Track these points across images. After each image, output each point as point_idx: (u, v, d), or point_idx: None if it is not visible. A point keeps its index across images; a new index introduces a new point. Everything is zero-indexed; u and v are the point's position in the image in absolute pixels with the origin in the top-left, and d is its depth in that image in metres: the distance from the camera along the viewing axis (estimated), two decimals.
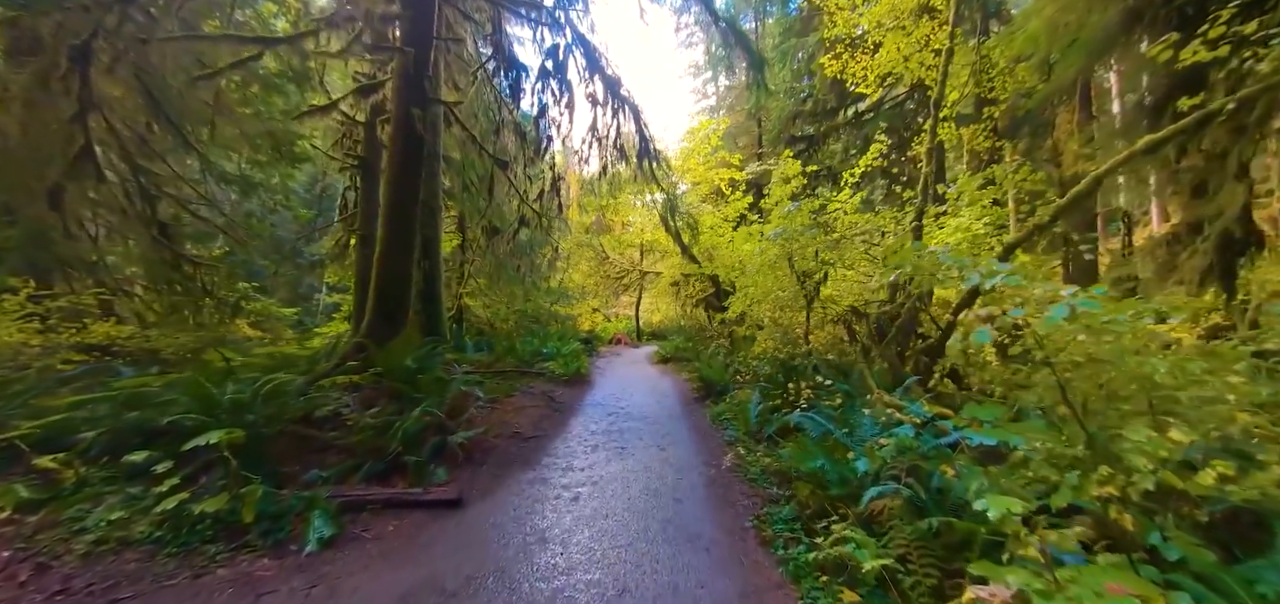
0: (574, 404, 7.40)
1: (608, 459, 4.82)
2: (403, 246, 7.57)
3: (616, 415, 6.72)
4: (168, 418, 3.79)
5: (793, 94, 19.33)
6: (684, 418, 6.64)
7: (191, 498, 3.33)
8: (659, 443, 5.37)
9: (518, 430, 5.54)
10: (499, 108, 10.15)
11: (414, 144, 7.60)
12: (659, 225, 15.25)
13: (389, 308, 7.32)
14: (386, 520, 3.54)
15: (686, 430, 5.96)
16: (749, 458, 4.61)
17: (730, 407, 6.53)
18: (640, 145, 10.81)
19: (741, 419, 5.67)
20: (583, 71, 10.06)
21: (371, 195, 11.46)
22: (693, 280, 13.42)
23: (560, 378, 9.16)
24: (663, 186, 11.14)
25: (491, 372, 9.07)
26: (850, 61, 10.56)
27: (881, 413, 4.06)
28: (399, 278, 7.49)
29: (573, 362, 9.97)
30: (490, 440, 5.09)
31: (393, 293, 7.40)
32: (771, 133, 20.55)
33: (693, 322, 15.66)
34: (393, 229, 7.47)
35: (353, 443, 4.48)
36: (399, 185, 7.55)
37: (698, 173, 13.73)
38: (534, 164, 9.97)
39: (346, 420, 4.87)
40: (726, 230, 12.58)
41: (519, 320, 16.19)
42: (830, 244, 5.98)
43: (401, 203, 7.54)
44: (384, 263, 7.41)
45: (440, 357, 6.88)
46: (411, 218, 7.68)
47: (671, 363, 12.47)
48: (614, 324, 22.45)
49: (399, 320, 7.44)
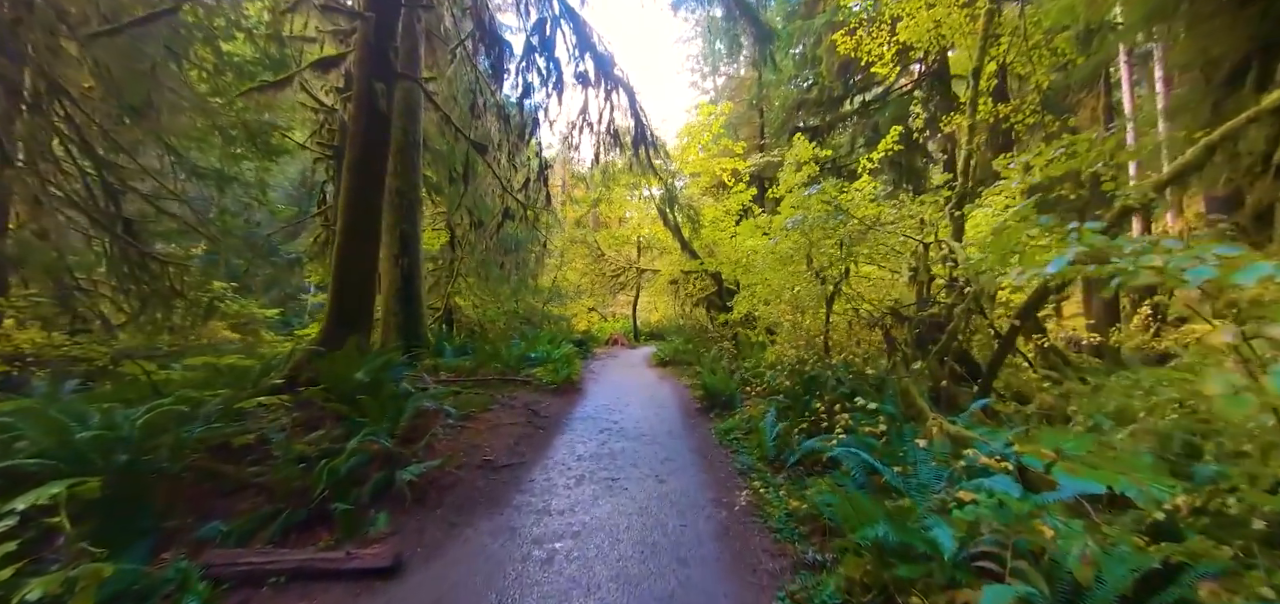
0: (561, 419, 6.50)
1: (595, 497, 3.91)
2: (365, 240, 6.64)
3: (609, 433, 5.82)
4: (8, 460, 2.87)
5: (797, 82, 18.43)
6: (686, 435, 5.74)
7: (22, 573, 2.44)
8: (657, 471, 4.47)
9: (488, 457, 4.64)
10: (480, 89, 9.23)
11: (378, 123, 6.68)
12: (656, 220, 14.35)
13: (349, 310, 6.41)
14: (291, 599, 2.63)
15: (690, 453, 5.06)
16: (769, 496, 3.71)
17: (740, 423, 5.64)
18: (635, 131, 9.90)
19: (755, 441, 4.78)
20: (572, 49, 9.14)
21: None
22: (693, 278, 12.54)
23: (548, 387, 8.26)
24: (660, 176, 10.24)
25: (470, 381, 8.17)
26: (865, 38, 9.66)
27: (941, 445, 3.17)
28: (361, 276, 6.57)
29: (563, 368, 9.07)
30: (451, 473, 4.18)
31: (353, 293, 6.48)
32: (774, 123, 19.62)
33: (693, 322, 14.77)
34: (354, 219, 6.55)
35: (275, 482, 3.57)
36: (361, 170, 6.62)
37: (698, 163, 12.83)
38: (519, 151, 9.06)
39: (274, 451, 3.97)
40: (729, 224, 11.68)
41: (508, 322, 15.28)
42: (857, 234, 5.08)
43: (364, 190, 6.62)
44: (343, 259, 6.49)
45: (403, 366, 5.96)
46: (376, 207, 6.76)
47: (671, 366, 11.59)
48: (611, 324, 21.56)
49: (361, 324, 6.53)
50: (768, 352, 6.65)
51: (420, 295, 10.86)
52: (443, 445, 4.73)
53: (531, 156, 9.02)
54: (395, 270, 10.54)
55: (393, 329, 10.44)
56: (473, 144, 7.15)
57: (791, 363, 5.42)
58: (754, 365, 7.91)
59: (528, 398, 7.46)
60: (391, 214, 10.67)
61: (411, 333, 10.48)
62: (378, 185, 6.76)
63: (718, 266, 11.21)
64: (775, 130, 19.59)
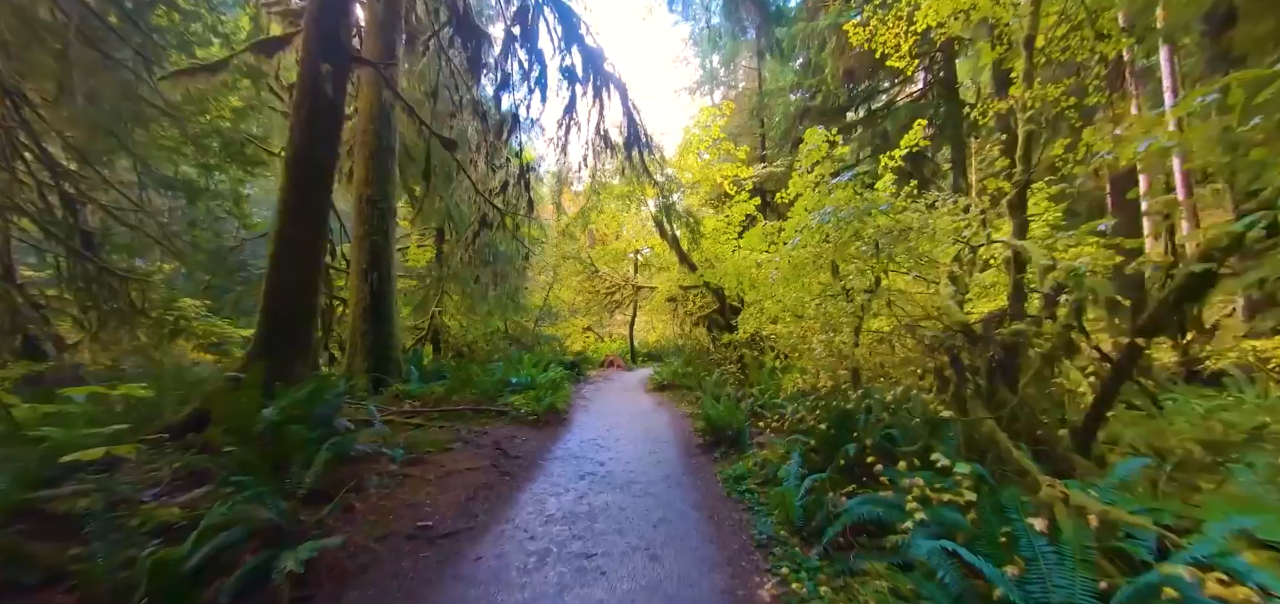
0: (535, 460, 5.39)
1: (561, 588, 2.80)
2: (306, 248, 5.61)
3: (592, 480, 4.71)
4: None
5: (799, 90, 17.67)
6: (687, 483, 4.63)
7: None
8: (649, 542, 3.36)
9: (426, 522, 3.53)
10: (455, 84, 8.34)
11: (324, 112, 5.70)
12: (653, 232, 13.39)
13: (281, 331, 5.34)
14: None
15: (691, 511, 3.96)
16: (805, 591, 2.62)
17: (753, 468, 4.54)
18: (628, 132, 8.98)
19: (776, 499, 3.68)
20: (558, 42, 8.26)
21: None
22: (693, 295, 11.53)
23: (527, 418, 7.16)
24: (656, 182, 9.29)
25: (438, 412, 7.07)
26: (879, 28, 8.81)
27: (1077, 529, 2.09)
28: (298, 290, 5.51)
29: (547, 395, 7.97)
30: (367, 549, 3.08)
31: (287, 311, 5.41)
32: (776, 132, 18.81)
33: (693, 342, 13.70)
34: (291, 224, 5.52)
35: (89, 574, 2.48)
36: (301, 166, 5.63)
37: (697, 172, 11.91)
38: (498, 152, 8.12)
39: (118, 524, 2.88)
40: (731, 235, 10.71)
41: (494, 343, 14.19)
42: (893, 235, 4.06)
43: (304, 189, 5.61)
44: (276, 270, 5.44)
45: (340, 396, 4.87)
46: (318, 210, 5.74)
47: (669, 391, 10.49)
48: (608, 345, 20.48)
49: (297, 347, 5.46)
50: (785, 378, 5.57)
51: (392, 314, 9.82)
52: (369, 505, 3.63)
53: (511, 157, 8.06)
54: (364, 286, 9.51)
55: (361, 352, 9.38)
56: (438, 138, 6.19)
57: (817, 394, 4.35)
58: (764, 392, 6.82)
59: (501, 432, 6.35)
60: (361, 225, 9.71)
61: (382, 356, 9.43)
62: (322, 184, 5.75)
63: (720, 282, 10.20)
64: (777, 140, 18.80)
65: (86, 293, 9.73)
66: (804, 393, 4.75)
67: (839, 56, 15.47)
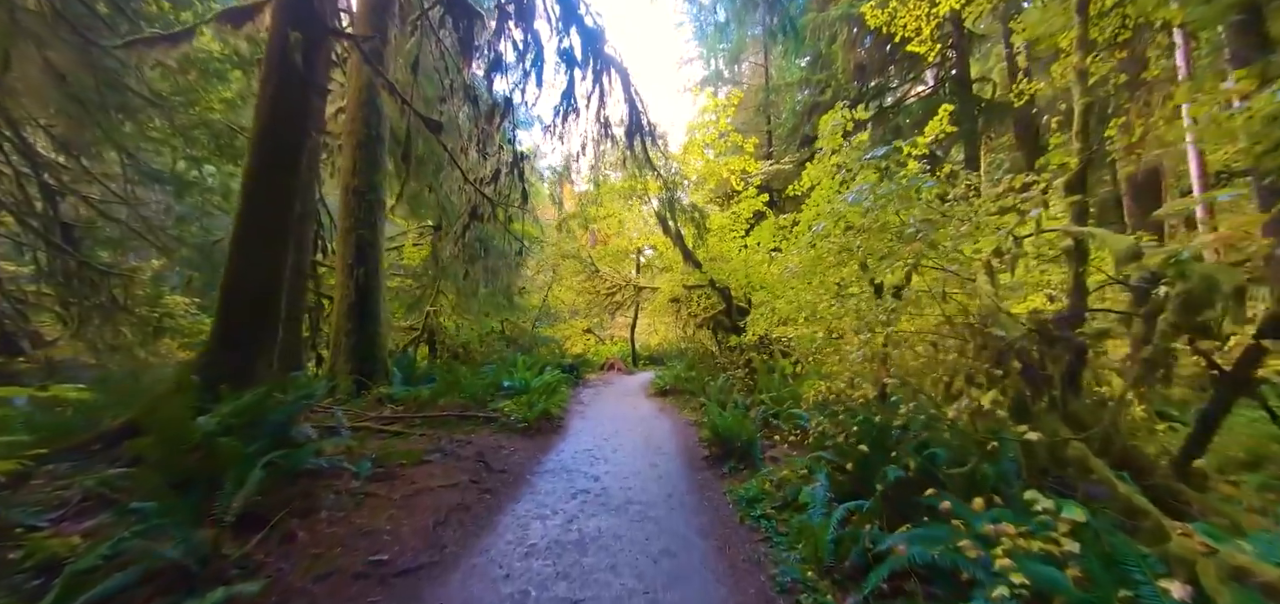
0: (522, 474, 4.81)
1: None
2: (271, 237, 5.04)
3: (584, 499, 4.14)
4: None
5: (808, 86, 17.13)
6: (693, 505, 4.05)
7: None
8: (649, 585, 2.78)
9: (383, 553, 2.95)
10: (446, 68, 7.80)
11: (294, 87, 5.15)
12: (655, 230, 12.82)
13: (240, 328, 4.78)
14: None
15: (698, 540, 3.37)
16: None
17: (769, 489, 3.95)
18: (630, 119, 8.43)
19: (799, 531, 3.10)
20: (555, 22, 7.72)
21: (305, 187, 9.10)
22: (697, 295, 10.94)
23: (518, 424, 6.58)
24: (659, 173, 8.73)
25: (420, 418, 6.51)
26: (899, 8, 8.27)
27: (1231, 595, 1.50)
28: (261, 283, 4.94)
29: (540, 400, 7.39)
30: (300, 591, 2.50)
31: (247, 306, 4.85)
32: (784, 129, 18.27)
33: (697, 345, 13.11)
34: (255, 209, 4.97)
35: None
36: (268, 145, 5.07)
37: (703, 167, 11.34)
38: (490, 140, 7.57)
39: None
40: (739, 232, 10.14)
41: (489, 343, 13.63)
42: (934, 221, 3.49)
43: (271, 172, 5.05)
44: (238, 259, 4.88)
45: (299, 402, 4.31)
46: (286, 194, 5.18)
47: (671, 396, 9.91)
48: (609, 347, 19.90)
49: (260, 347, 4.90)
50: (804, 385, 4.98)
51: (378, 313, 9.28)
52: (315, 533, 3.06)
53: (504, 144, 7.50)
54: (349, 282, 8.98)
55: (345, 352, 8.84)
56: (423, 118, 5.63)
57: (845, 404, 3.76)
58: (777, 400, 6.23)
59: (487, 441, 5.78)
60: (347, 217, 9.19)
61: (366, 357, 8.88)
62: (289, 167, 5.19)
63: (727, 281, 9.62)
64: (784, 138, 18.26)
65: (66, 288, 9.27)
66: (826, 402, 4.16)
67: (850, 50, 14.93)
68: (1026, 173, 3.51)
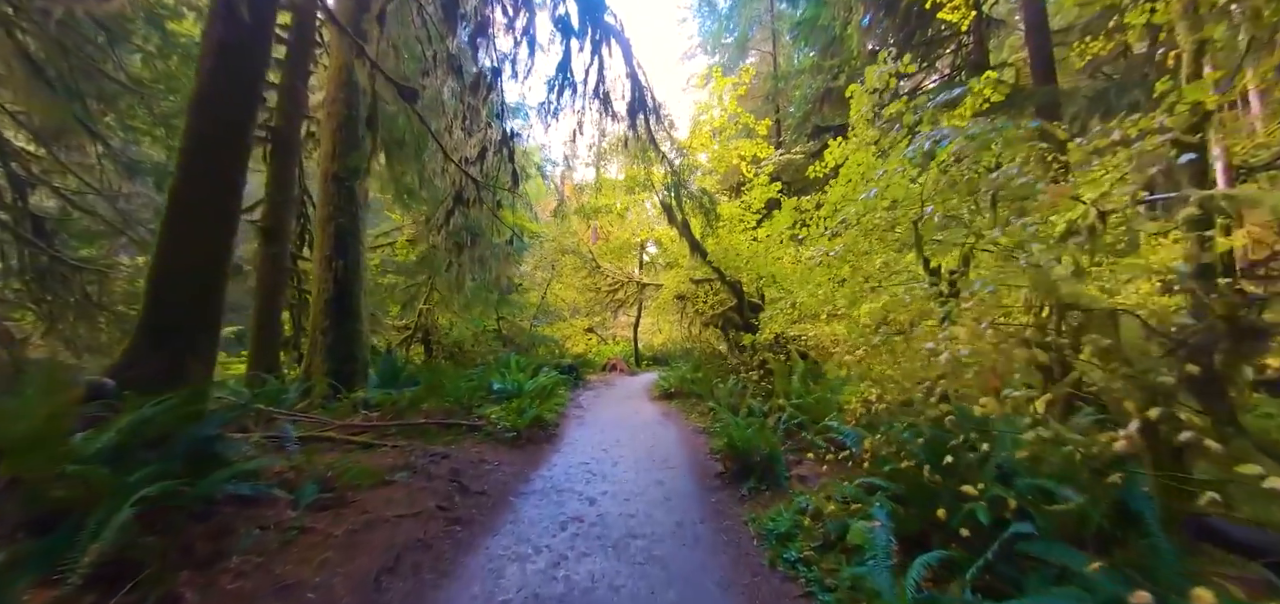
0: (504, 496, 4.05)
1: None
2: (209, 217, 4.27)
3: (576, 532, 3.37)
4: None
5: (820, 72, 16.32)
6: (709, 540, 3.28)
7: None
8: None
9: None
10: (428, 37, 7.06)
11: (242, 41, 4.40)
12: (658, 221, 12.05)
13: (173, 321, 4.03)
14: None
15: (719, 591, 2.61)
16: None
17: (804, 521, 3.17)
18: (633, 95, 7.66)
19: (848, 580, 2.33)
20: None
21: (283, 174, 8.39)
22: (705, 290, 10.17)
23: (506, 433, 5.82)
24: (665, 155, 7.96)
25: (395, 426, 5.75)
26: None
27: None
28: (196, 271, 4.18)
29: (532, 405, 6.64)
30: None
31: (182, 295, 4.10)
32: (794, 119, 17.49)
33: (704, 345, 12.33)
34: (190, 185, 4.21)
35: None
36: (207, 113, 4.31)
37: (712, 156, 10.54)
38: (476, 117, 6.80)
39: None
40: (750, 223, 9.36)
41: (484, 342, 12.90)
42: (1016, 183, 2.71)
43: (209, 143, 4.29)
44: (169, 243, 4.12)
45: (237, 409, 3.56)
46: (228, 170, 4.40)
47: (677, 399, 9.15)
48: (611, 347, 19.14)
49: (193, 344, 4.14)
50: (846, 392, 4.19)
51: (358, 309, 8.54)
52: (213, 590, 2.30)
53: (490, 118, 6.74)
54: (326, 275, 8.24)
55: (321, 352, 8.11)
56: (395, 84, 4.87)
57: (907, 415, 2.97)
58: (801, 406, 5.45)
59: (468, 454, 5.01)
60: (326, 205, 8.45)
61: (346, 357, 8.15)
62: (232, 139, 4.42)
63: (737, 275, 8.84)
64: (793, 128, 17.46)
65: (38, 285, 8.65)
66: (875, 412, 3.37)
67: (865, 32, 14.16)
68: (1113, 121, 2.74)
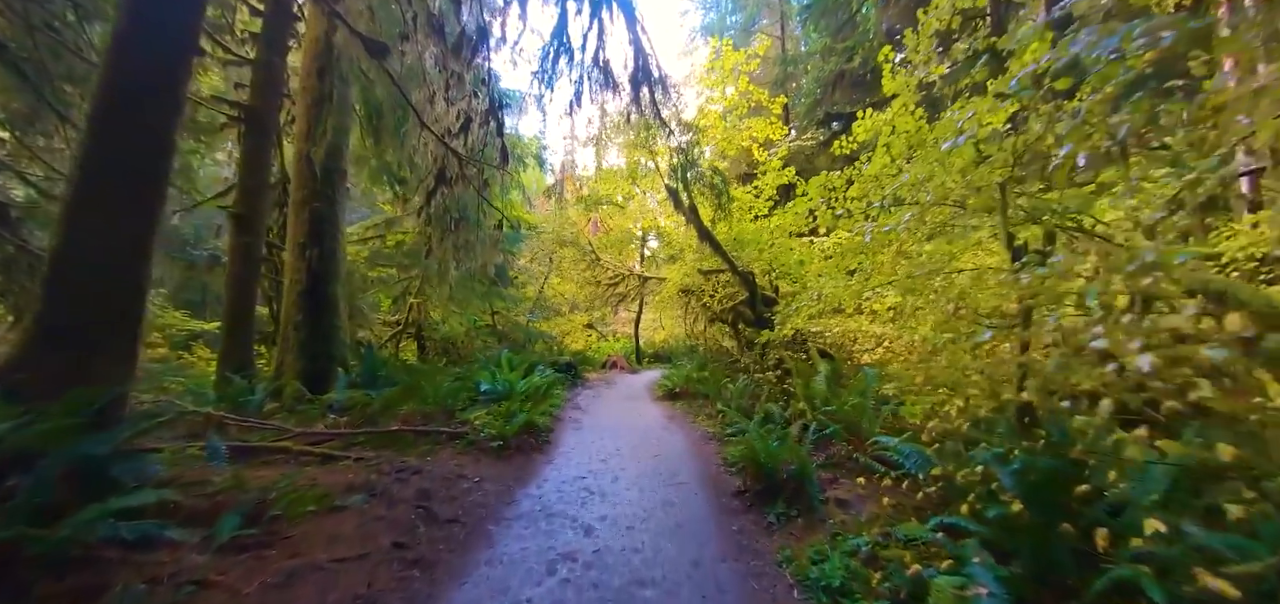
0: (481, 524, 3.33)
1: None
2: (126, 193, 3.51)
3: (568, 576, 2.65)
4: None
5: (831, 55, 15.52)
6: (736, 588, 2.56)
7: None
8: None
9: None
10: None
11: None
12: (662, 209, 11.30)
13: (73, 316, 3.29)
14: None
15: None
16: None
17: (854, 563, 2.46)
18: (635, 65, 6.91)
19: None
20: None
21: (257, 158, 7.68)
22: (713, 284, 9.45)
23: (490, 442, 5.10)
24: (671, 132, 7.21)
25: (364, 433, 5.03)
26: None
27: None
28: (107, 257, 3.41)
29: (521, 409, 5.91)
30: None
31: (86, 285, 3.34)
32: (804, 105, 16.73)
33: (709, 341, 11.61)
34: (102, 153, 3.45)
35: None
36: (123, 64, 3.56)
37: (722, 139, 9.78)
38: (460, 85, 6.03)
39: None
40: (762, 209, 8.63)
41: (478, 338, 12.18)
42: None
43: (124, 101, 3.53)
44: (73, 225, 3.36)
45: (126, 427, 2.83)
46: (149, 135, 3.63)
47: (681, 400, 8.43)
48: (610, 344, 18.43)
49: (101, 342, 3.40)
50: (910, 405, 3.46)
51: (336, 301, 7.81)
52: None
53: (476, 86, 5.98)
54: (300, 264, 7.51)
55: (294, 348, 7.39)
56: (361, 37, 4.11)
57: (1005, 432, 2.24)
58: (835, 411, 4.72)
59: (442, 469, 4.28)
60: (300, 188, 7.69)
61: (320, 354, 7.43)
62: (155, 94, 3.65)
63: (750, 265, 8.10)
64: (803, 115, 16.69)
65: (4, 274, 7.98)
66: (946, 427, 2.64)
67: (882, 9, 13.38)
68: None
